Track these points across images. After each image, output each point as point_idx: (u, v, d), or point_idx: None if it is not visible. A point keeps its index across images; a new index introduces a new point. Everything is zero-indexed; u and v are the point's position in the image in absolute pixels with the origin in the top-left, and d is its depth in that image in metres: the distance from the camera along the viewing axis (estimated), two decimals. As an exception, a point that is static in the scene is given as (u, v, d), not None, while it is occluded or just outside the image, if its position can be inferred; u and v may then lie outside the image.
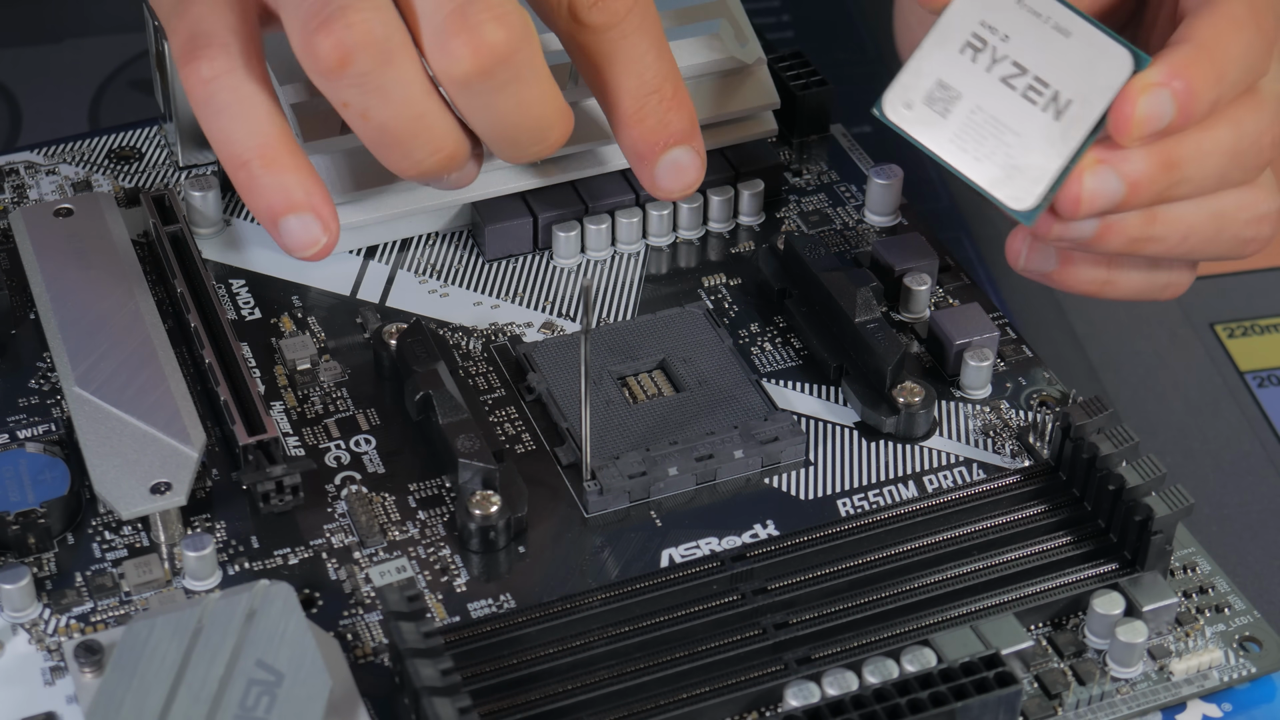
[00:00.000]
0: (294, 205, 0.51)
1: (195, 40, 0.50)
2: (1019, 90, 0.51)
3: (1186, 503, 0.50)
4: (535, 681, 0.47)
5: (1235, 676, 0.49)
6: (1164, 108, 0.50)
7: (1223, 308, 0.63)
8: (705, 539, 0.52)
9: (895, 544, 0.51)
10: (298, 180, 0.51)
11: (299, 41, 0.49)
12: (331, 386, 0.55)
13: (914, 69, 0.52)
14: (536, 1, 0.52)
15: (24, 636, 0.49)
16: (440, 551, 0.51)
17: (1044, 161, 0.51)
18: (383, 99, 0.50)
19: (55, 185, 0.62)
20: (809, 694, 0.47)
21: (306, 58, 0.49)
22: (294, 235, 0.51)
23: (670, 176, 0.54)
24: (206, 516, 0.52)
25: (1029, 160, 0.51)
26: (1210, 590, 0.51)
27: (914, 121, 0.52)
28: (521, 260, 0.60)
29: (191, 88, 0.51)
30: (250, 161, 0.51)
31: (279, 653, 0.46)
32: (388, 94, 0.50)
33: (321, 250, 0.51)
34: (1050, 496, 0.52)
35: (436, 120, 0.51)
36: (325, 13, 0.49)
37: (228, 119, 0.51)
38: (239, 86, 0.50)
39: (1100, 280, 0.55)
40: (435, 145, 0.51)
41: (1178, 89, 0.50)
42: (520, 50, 0.49)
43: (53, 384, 0.55)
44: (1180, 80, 0.50)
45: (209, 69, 0.50)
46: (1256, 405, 0.59)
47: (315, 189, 0.51)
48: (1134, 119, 0.50)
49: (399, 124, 0.50)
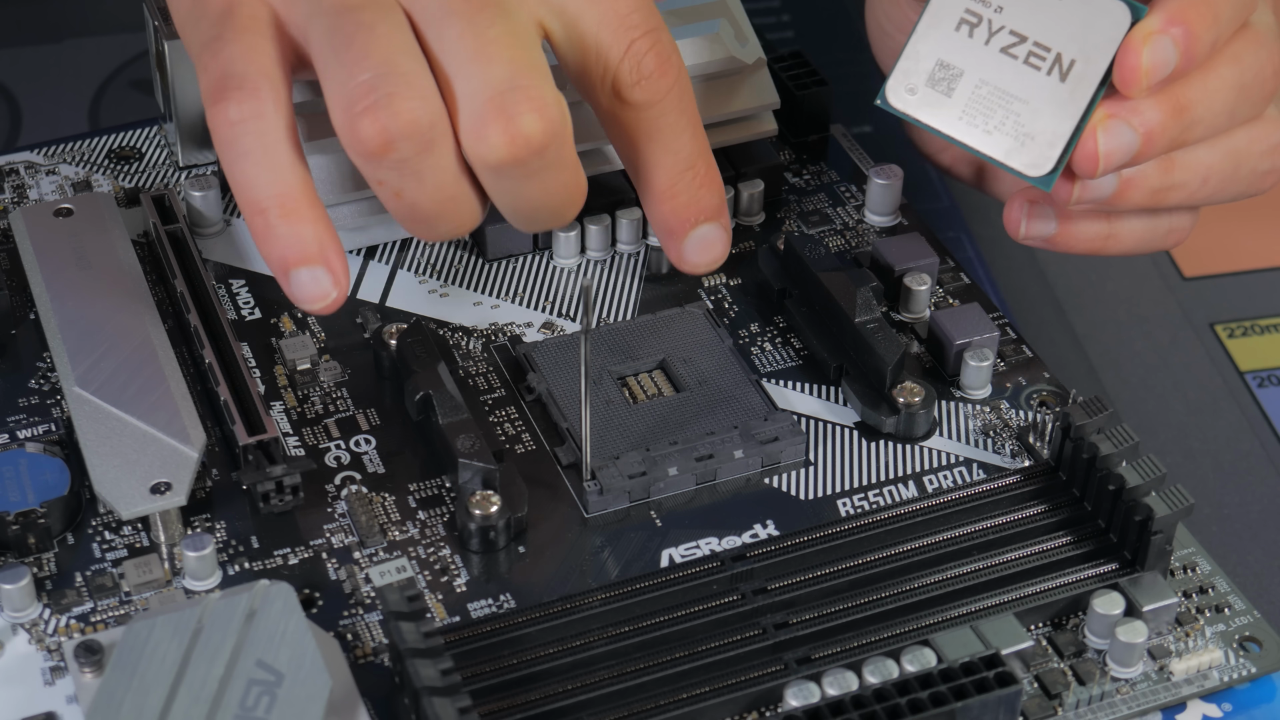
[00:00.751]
0: (307, 258, 0.50)
1: (226, 81, 0.50)
2: (1020, 58, 0.51)
3: (1186, 503, 0.50)
4: (535, 681, 0.47)
5: (1235, 676, 0.49)
6: (1167, 54, 0.51)
7: (1223, 308, 0.63)
8: (705, 539, 0.52)
9: (895, 544, 0.51)
10: (314, 232, 0.50)
11: (341, 120, 0.49)
12: (331, 387, 0.55)
13: (912, 54, 0.52)
14: (577, 77, 0.52)
15: (24, 636, 0.49)
16: (440, 551, 0.51)
17: (1055, 125, 0.51)
18: (418, 182, 0.50)
19: (55, 185, 0.62)
20: (809, 694, 0.47)
21: (348, 137, 0.49)
22: (304, 288, 0.51)
23: (698, 251, 0.54)
24: (206, 516, 0.52)
25: (1040, 126, 0.51)
26: (1210, 590, 0.51)
27: (919, 105, 0.52)
28: (521, 260, 0.60)
29: (217, 128, 0.50)
30: (269, 210, 0.50)
31: (279, 653, 0.46)
32: (423, 178, 0.50)
33: (330, 305, 0.51)
34: (1050, 496, 0.52)
35: (465, 201, 0.51)
36: (372, 98, 0.48)
37: (250, 164, 0.50)
38: (266, 133, 0.50)
39: (1103, 235, 0.55)
40: (460, 222, 0.51)
41: (1177, 34, 0.51)
42: (554, 141, 0.49)
43: (53, 384, 0.55)
44: (1178, 25, 0.51)
45: (237, 112, 0.50)
46: (1256, 405, 0.59)
47: (330, 242, 0.51)
48: (1140, 69, 0.51)
49: (430, 205, 0.50)
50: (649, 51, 0.51)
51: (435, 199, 0.50)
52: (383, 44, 0.49)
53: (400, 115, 0.48)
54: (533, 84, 0.49)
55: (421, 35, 0.50)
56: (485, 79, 0.49)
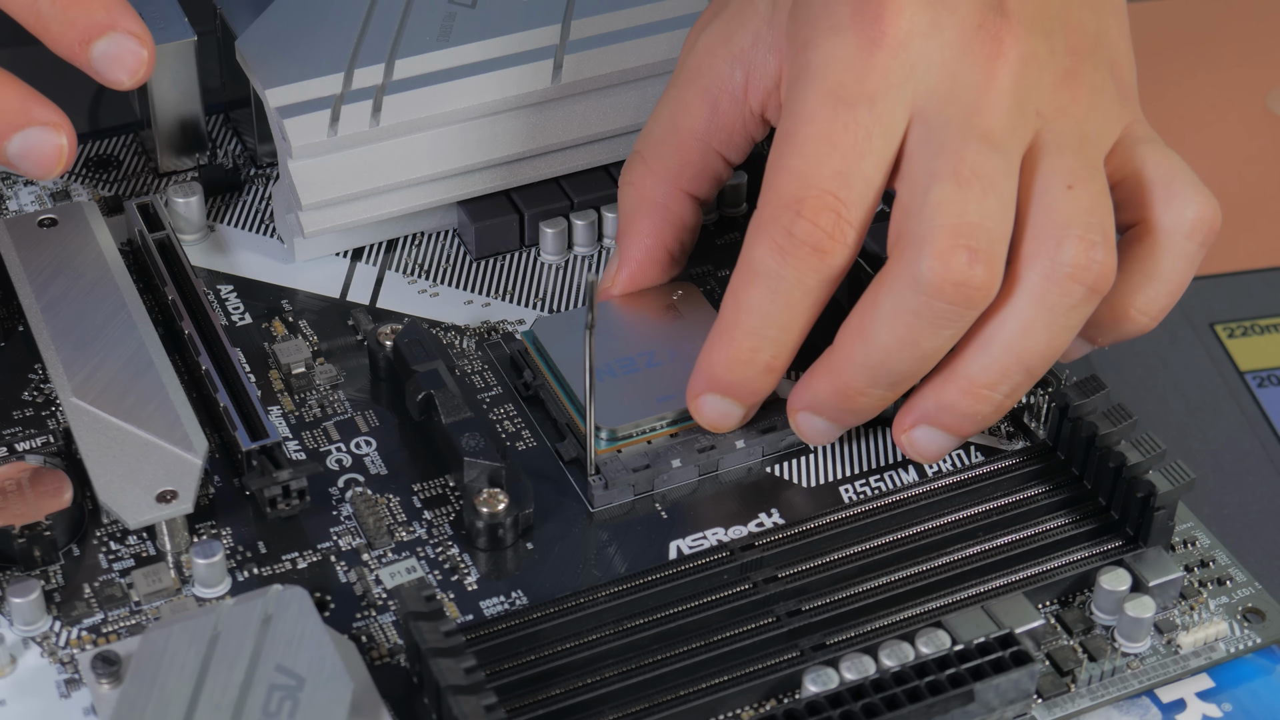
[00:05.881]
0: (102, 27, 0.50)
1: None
2: None
3: (1188, 478, 0.50)
4: (555, 677, 0.47)
5: (1241, 648, 0.50)
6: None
7: (1223, 308, 0.63)
8: (712, 529, 0.52)
9: (901, 528, 0.51)
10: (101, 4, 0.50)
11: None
12: (328, 389, 0.55)
13: None
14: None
15: (36, 650, 0.48)
16: (449, 551, 0.51)
17: None
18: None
19: (34, 195, 0.61)
20: (827, 680, 0.47)
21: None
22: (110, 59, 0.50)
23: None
24: (211, 524, 0.51)
25: None
26: (1211, 564, 0.52)
27: None
28: (509, 257, 0.60)
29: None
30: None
31: (298, 657, 0.46)
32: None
33: (146, 71, 0.50)
34: (1050, 476, 0.53)
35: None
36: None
37: None
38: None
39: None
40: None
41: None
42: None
43: (47, 395, 0.55)
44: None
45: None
46: (1256, 405, 0.60)
47: (117, 5, 0.50)
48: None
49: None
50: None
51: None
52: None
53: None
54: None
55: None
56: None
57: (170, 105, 0.61)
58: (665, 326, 0.55)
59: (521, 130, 0.58)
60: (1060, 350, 0.50)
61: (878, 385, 0.50)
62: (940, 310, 0.48)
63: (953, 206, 0.48)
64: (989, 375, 0.49)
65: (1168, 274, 0.51)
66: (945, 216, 0.48)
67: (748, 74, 0.52)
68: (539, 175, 0.60)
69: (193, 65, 0.60)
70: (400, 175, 0.58)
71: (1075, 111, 0.50)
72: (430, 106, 0.57)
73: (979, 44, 0.49)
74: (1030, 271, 0.49)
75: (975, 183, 0.48)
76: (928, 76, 0.49)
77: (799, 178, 0.49)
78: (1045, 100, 0.49)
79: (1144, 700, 0.49)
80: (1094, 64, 0.51)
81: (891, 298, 0.48)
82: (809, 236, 0.48)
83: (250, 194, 0.62)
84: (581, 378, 0.51)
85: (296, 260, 0.59)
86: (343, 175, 0.57)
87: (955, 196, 0.48)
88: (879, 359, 0.49)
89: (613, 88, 0.59)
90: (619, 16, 0.59)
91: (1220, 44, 0.75)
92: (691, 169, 0.54)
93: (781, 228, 0.49)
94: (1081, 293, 0.48)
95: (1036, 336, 0.49)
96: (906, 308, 0.48)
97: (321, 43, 0.58)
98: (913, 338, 0.48)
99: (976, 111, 0.49)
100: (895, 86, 0.49)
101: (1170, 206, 0.50)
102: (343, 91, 0.56)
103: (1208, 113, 0.71)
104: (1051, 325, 0.49)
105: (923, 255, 0.47)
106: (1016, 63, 0.49)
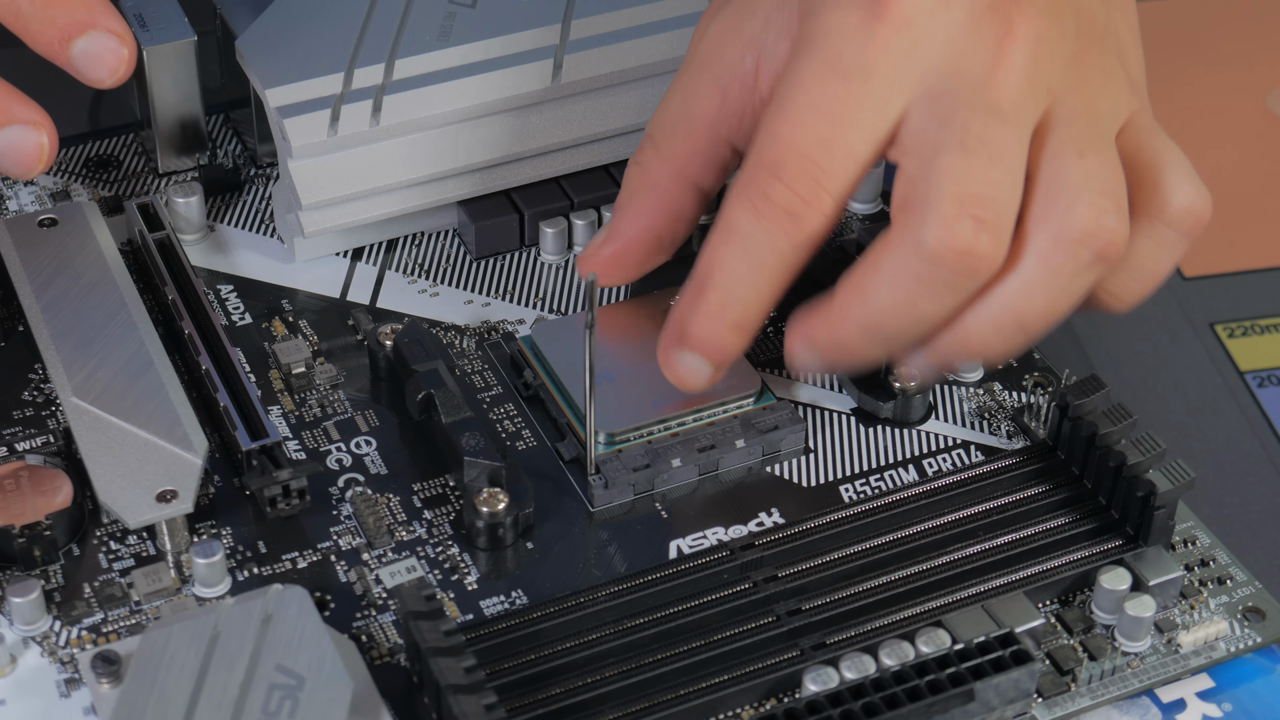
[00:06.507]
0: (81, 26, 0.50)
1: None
2: None
3: (1187, 477, 0.50)
4: (555, 676, 0.47)
5: (1241, 647, 0.50)
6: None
7: (1223, 308, 0.63)
8: (712, 529, 0.52)
9: (901, 528, 0.51)
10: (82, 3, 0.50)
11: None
12: (328, 389, 0.55)
13: None
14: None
15: (36, 650, 0.48)
16: (449, 550, 0.51)
17: None
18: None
19: (34, 195, 0.61)
20: (828, 679, 0.47)
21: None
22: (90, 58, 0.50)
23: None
24: (211, 524, 0.52)
25: None
26: (1211, 563, 0.52)
27: None
28: (509, 257, 0.60)
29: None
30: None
31: (298, 656, 0.46)
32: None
33: (127, 70, 0.50)
34: (1050, 476, 0.53)
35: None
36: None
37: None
38: None
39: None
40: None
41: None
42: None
43: (47, 395, 0.55)
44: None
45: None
46: (1256, 405, 0.60)
47: (97, 4, 0.50)
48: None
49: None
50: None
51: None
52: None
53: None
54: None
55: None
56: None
57: (170, 105, 0.61)
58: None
59: (522, 130, 0.58)
60: (1060, 314, 0.49)
61: (871, 343, 0.50)
62: (942, 278, 0.48)
63: (960, 175, 0.47)
64: (983, 329, 0.49)
65: (1143, 260, 0.51)
66: (952, 184, 0.47)
67: (758, 59, 0.52)
68: (539, 175, 0.60)
69: (193, 65, 0.60)
70: (400, 175, 0.58)
71: (1087, 90, 0.50)
72: (430, 106, 0.57)
73: (989, 24, 0.49)
74: (1038, 233, 0.48)
75: (982, 151, 0.48)
76: (932, 54, 0.48)
77: (782, 142, 0.49)
78: (1057, 78, 0.49)
79: (1144, 700, 0.49)
80: (1104, 49, 0.50)
81: (894, 261, 0.48)
82: (784, 201, 0.48)
83: (250, 194, 0.62)
84: (580, 382, 0.51)
85: (296, 260, 0.59)
86: (343, 175, 0.57)
87: (962, 165, 0.47)
88: (875, 319, 0.49)
89: (612, 88, 0.59)
90: (619, 16, 0.59)
91: (1220, 44, 0.75)
92: (700, 156, 0.54)
93: (759, 189, 0.49)
94: (1089, 257, 0.48)
95: (1037, 297, 0.49)
96: (908, 272, 0.48)
97: (321, 43, 0.58)
98: (911, 302, 0.48)
99: (985, 86, 0.48)
100: (894, 62, 0.48)
101: (1157, 192, 0.50)
102: (343, 91, 0.57)
103: (1208, 112, 0.71)
104: (1053, 287, 0.49)
105: (927, 221, 0.47)
106: (1028, 41, 0.49)
